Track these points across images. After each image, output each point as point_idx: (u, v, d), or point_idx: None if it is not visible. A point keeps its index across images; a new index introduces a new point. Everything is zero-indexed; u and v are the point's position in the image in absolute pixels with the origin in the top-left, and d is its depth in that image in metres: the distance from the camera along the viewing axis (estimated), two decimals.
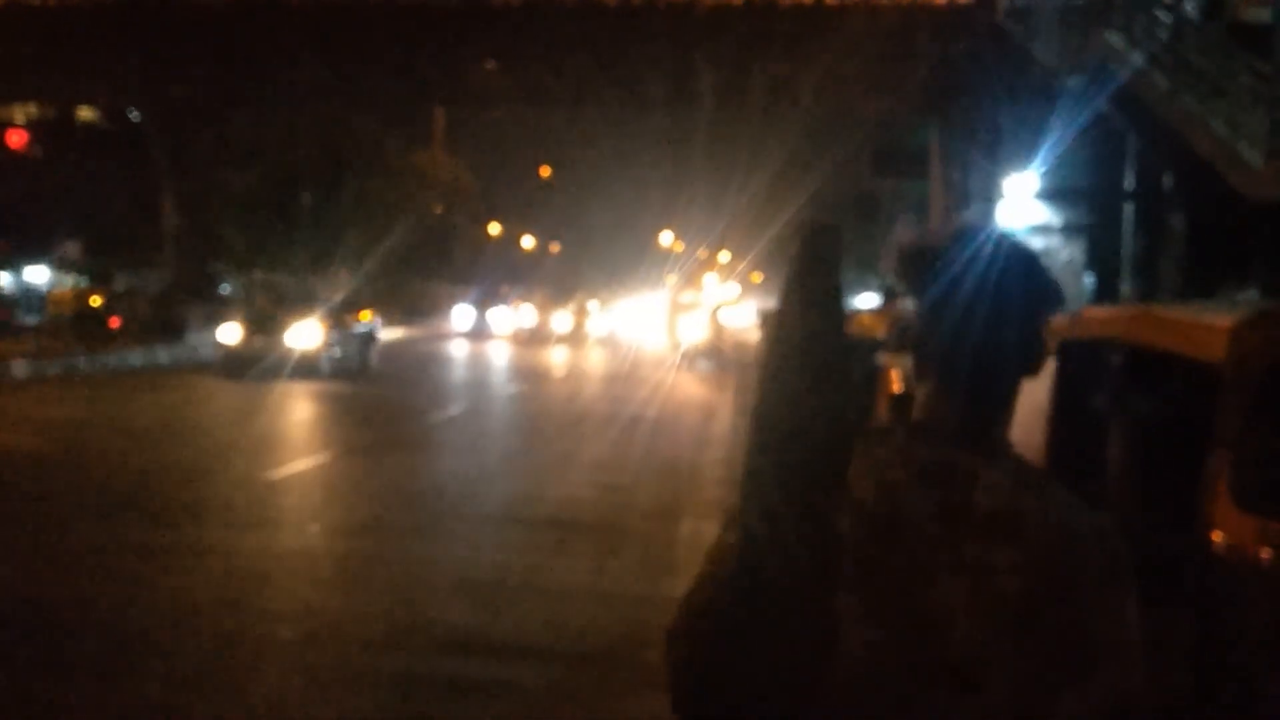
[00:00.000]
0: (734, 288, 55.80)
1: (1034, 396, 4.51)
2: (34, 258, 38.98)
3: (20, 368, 19.38)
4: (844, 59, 23.74)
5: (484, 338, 39.11)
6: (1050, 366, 4.33)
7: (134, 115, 33.19)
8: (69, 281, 36.80)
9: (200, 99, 28.20)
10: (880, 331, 8.66)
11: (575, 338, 39.65)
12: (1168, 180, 16.60)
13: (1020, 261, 1.47)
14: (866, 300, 26.89)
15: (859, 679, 1.40)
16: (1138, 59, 13.98)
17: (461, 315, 41.46)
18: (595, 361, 31.09)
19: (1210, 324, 3.05)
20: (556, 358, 31.66)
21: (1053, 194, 21.98)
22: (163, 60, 25.81)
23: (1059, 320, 4.84)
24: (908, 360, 1.57)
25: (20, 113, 36.64)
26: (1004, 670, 1.37)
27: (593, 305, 45.29)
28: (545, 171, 61.85)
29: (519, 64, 25.14)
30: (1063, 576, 1.38)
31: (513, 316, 41.97)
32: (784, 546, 1.31)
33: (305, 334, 20.12)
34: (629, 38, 24.14)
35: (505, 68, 25.31)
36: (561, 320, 41.66)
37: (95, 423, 13.93)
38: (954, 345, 1.45)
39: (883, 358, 7.82)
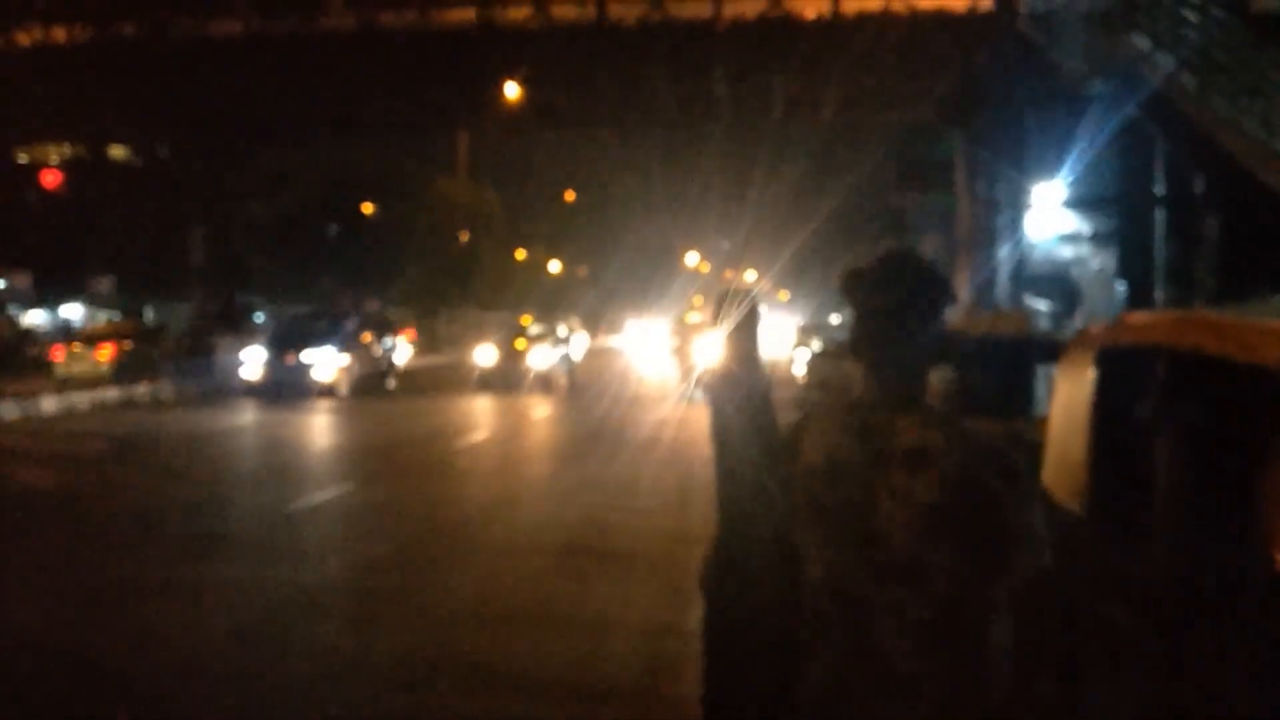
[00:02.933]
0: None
1: (1072, 406, 4.31)
2: (68, 294, 39.52)
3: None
4: (864, 72, 23.56)
5: (287, 398, 21.89)
6: (1089, 375, 4.13)
7: (163, 151, 33.56)
8: (102, 317, 37.23)
9: (226, 131, 28.42)
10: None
11: (506, 378, 25.59)
12: (1200, 184, 16.27)
13: (923, 274, 1.97)
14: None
15: (823, 593, 1.85)
16: (1166, 61, 13.70)
17: (251, 361, 23.34)
18: (508, 431, 18.99)
19: (1264, 326, 2.85)
20: (395, 432, 17.85)
21: (1082, 202, 21.66)
22: (189, 95, 26.04)
23: (1097, 327, 4.63)
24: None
25: (54, 153, 37.20)
26: (938, 565, 1.82)
27: (536, 330, 28.92)
28: (570, 196, 62.06)
29: (537, 86, 25.09)
30: (966, 488, 1.83)
31: (347, 357, 23.84)
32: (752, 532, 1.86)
33: None
34: (647, 57, 24.07)
35: (524, 90, 25.28)
36: (485, 354, 26.72)
37: None
38: (879, 341, 1.95)
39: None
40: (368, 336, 25.90)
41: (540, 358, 26.87)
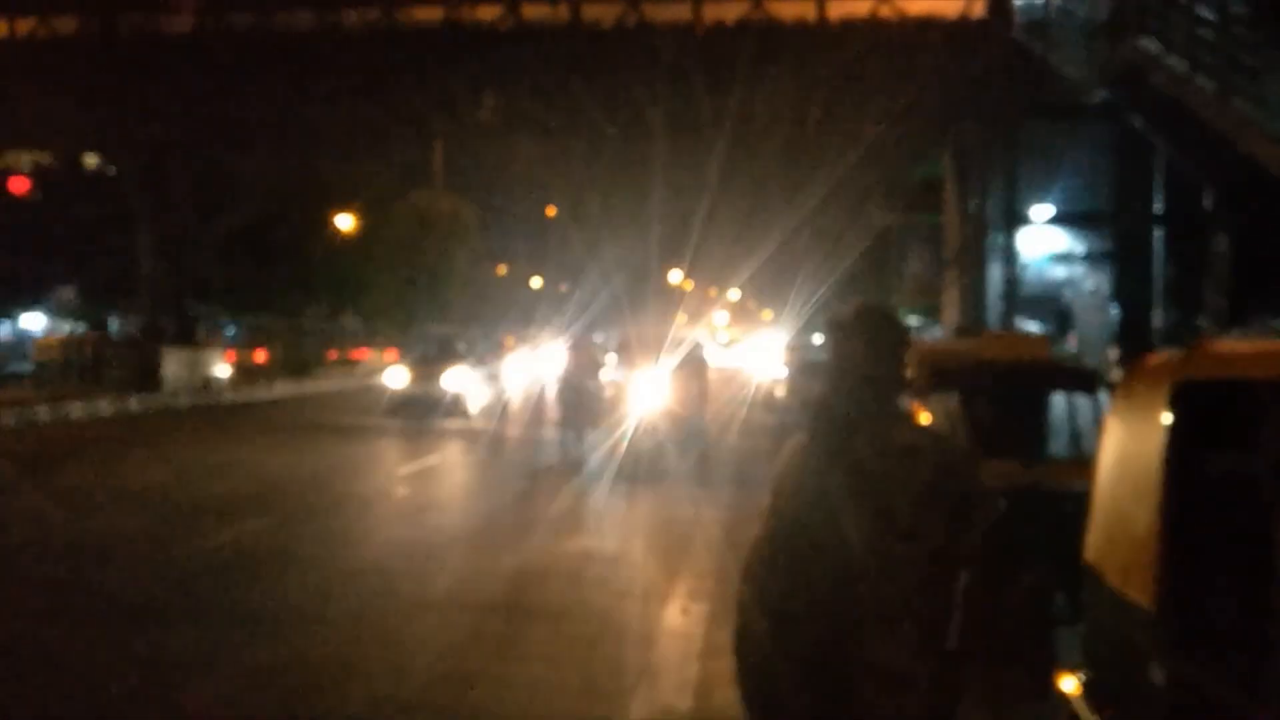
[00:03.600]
0: (723, 316, 50.81)
1: (1131, 460, 3.24)
2: (31, 304, 38.53)
3: None
4: (851, 80, 22.69)
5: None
6: (1160, 419, 3.07)
7: (122, 159, 32.35)
8: (65, 327, 36.25)
9: (177, 137, 27.11)
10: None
11: (417, 406, 21.05)
12: (1209, 198, 15.35)
13: (885, 323, 2.79)
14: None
15: (846, 545, 2.60)
16: (1178, 64, 12.71)
17: None
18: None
19: None
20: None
21: (1075, 219, 21.02)
22: (136, 98, 24.79)
23: (1167, 357, 3.55)
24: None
25: (25, 159, 36.35)
26: (929, 527, 2.61)
27: (460, 346, 24.31)
28: (551, 211, 61.31)
29: (509, 92, 24.15)
30: (946, 471, 2.65)
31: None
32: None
33: None
34: (624, 61, 23.10)
35: (496, 96, 24.31)
36: (395, 376, 22.35)
37: None
38: (850, 377, 2.75)
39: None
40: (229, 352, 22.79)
41: (458, 380, 21.69)
